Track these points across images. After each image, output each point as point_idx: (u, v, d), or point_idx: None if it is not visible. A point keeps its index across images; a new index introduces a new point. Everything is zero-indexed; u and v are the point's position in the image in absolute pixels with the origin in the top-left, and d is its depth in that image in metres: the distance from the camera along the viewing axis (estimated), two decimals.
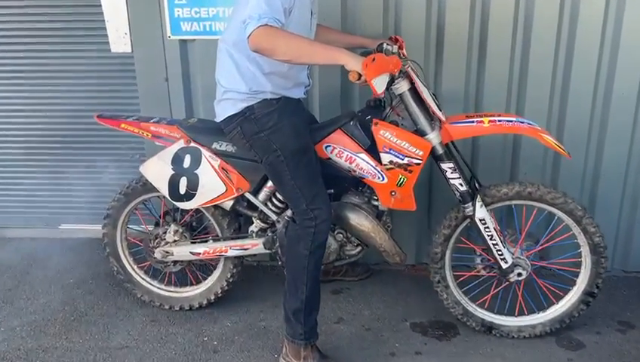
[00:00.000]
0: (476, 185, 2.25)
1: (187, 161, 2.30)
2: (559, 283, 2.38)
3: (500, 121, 2.13)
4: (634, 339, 2.38)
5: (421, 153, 2.08)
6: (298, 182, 2.06)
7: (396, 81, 2.03)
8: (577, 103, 2.68)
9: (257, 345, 2.38)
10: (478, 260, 2.39)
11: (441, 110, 2.16)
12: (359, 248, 2.34)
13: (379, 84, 1.79)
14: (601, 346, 2.34)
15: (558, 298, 2.37)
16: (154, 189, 2.46)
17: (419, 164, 2.10)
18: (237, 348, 2.37)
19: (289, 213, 2.31)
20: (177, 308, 2.61)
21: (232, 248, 2.40)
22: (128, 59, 2.89)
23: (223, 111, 2.14)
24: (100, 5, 2.78)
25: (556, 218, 2.28)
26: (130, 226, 2.61)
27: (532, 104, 2.70)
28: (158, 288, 2.64)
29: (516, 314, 2.40)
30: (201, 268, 2.67)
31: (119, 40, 2.82)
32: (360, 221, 2.22)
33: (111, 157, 3.24)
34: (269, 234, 2.36)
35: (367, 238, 2.24)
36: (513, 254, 2.27)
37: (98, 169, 3.28)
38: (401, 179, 2.13)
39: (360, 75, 1.80)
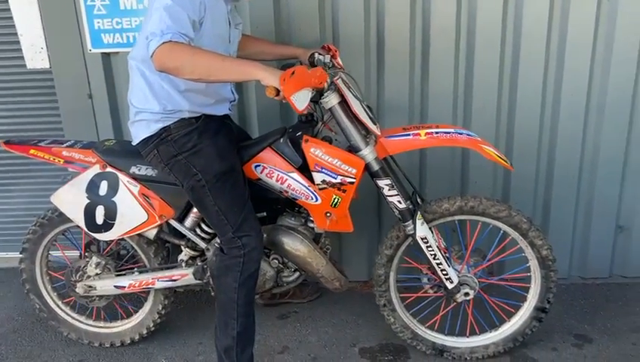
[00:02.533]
0: (418, 200, 2.11)
1: (103, 188, 2.10)
2: (510, 299, 2.25)
3: (437, 133, 1.99)
4: (590, 355, 2.27)
5: (354, 171, 1.93)
6: (222, 208, 1.88)
7: (325, 95, 1.87)
8: (526, 109, 2.57)
9: None
10: (425, 280, 2.25)
11: (376, 123, 2.01)
12: (297, 273, 2.18)
13: (299, 101, 1.62)
14: None
15: (510, 315, 2.25)
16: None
17: (352, 183, 1.94)
18: None
19: (219, 239, 2.13)
20: (108, 345, 2.41)
21: (159, 280, 2.21)
22: (47, 75, 2.67)
23: (138, 133, 1.95)
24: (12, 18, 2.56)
25: (502, 232, 2.15)
26: (50, 259, 2.39)
27: (479, 112, 2.58)
28: (86, 324, 2.43)
29: (467, 334, 2.27)
30: (132, 300, 2.46)
31: (35, 55, 2.61)
32: (295, 246, 2.05)
33: (38, 179, 3.01)
34: (199, 264, 2.17)
35: (304, 264, 2.07)
36: (459, 272, 2.14)
37: (25, 192, 3.05)
38: (336, 200, 1.97)
39: (278, 91, 1.63)
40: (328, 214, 2.00)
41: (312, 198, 1.99)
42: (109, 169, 2.10)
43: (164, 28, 1.59)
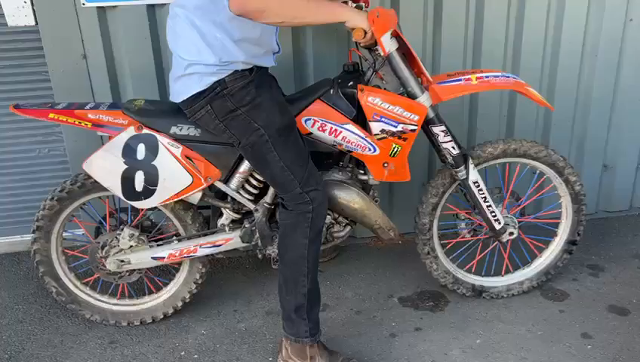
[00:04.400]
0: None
1: (141, 152, 1.92)
2: (540, 236, 2.37)
3: (487, 77, 2.02)
4: (608, 282, 2.47)
5: (417, 118, 1.91)
6: (288, 163, 1.79)
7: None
8: (528, 60, 2.68)
9: (245, 351, 2.12)
10: (462, 225, 2.30)
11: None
12: (348, 228, 2.15)
13: (387, 42, 1.57)
14: (583, 293, 2.39)
15: (541, 250, 2.37)
16: (94, 190, 2.06)
17: (414, 130, 1.93)
18: (224, 359, 2.08)
19: (268, 199, 2.04)
20: (137, 323, 2.25)
21: (202, 246, 2.08)
22: (33, 35, 2.37)
23: (186, 88, 1.79)
24: None
25: (538, 172, 2.25)
26: (65, 237, 2.17)
27: (487, 61, 2.64)
28: (111, 304, 2.25)
29: (503, 273, 2.37)
30: (160, 273, 2.31)
31: (18, 11, 2.29)
32: (352, 198, 2.02)
33: (15, 155, 2.69)
34: (247, 226, 2.07)
35: (361, 217, 2.04)
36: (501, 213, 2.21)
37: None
38: (395, 149, 1.95)
39: (365, 33, 1.56)
40: (386, 164, 1.98)
41: (370, 149, 1.96)
42: (145, 130, 1.92)
43: None
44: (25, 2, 2.28)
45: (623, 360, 1.99)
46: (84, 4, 2.30)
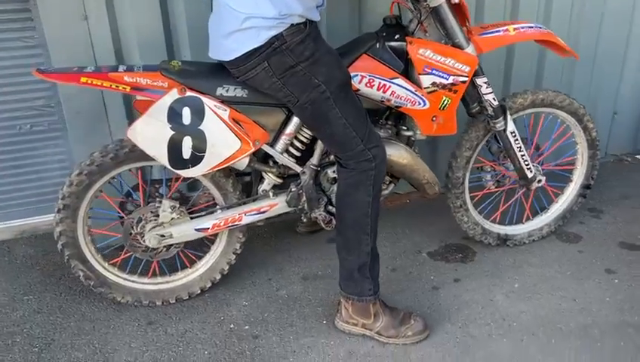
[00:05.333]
0: None
1: (186, 116, 1.78)
2: (555, 182, 2.49)
3: (523, 28, 2.06)
4: (610, 222, 2.65)
5: (468, 69, 1.92)
6: (350, 120, 1.74)
7: None
8: (527, 14, 2.76)
9: (296, 316, 2.07)
10: (488, 176, 2.37)
11: None
12: (392, 185, 2.14)
13: None
14: (593, 234, 2.55)
15: (557, 196, 2.50)
16: (127, 161, 1.91)
17: (465, 81, 1.94)
18: (277, 327, 2.03)
19: (314, 160, 1.99)
20: (173, 301, 2.13)
21: (247, 214, 1.99)
22: None
23: (241, 45, 1.67)
24: None
25: (559, 120, 2.35)
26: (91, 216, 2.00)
27: (490, 12, 2.70)
28: (143, 283, 2.11)
29: (524, 221, 2.47)
30: (192, 247, 2.19)
31: None
32: (401, 154, 2.00)
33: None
34: (293, 190, 2.00)
35: (410, 172, 2.04)
36: None
37: None
38: (445, 102, 1.95)
39: None
40: (434, 118, 1.98)
41: (420, 103, 1.94)
42: (189, 93, 1.78)
43: None
44: None
45: None
46: None
